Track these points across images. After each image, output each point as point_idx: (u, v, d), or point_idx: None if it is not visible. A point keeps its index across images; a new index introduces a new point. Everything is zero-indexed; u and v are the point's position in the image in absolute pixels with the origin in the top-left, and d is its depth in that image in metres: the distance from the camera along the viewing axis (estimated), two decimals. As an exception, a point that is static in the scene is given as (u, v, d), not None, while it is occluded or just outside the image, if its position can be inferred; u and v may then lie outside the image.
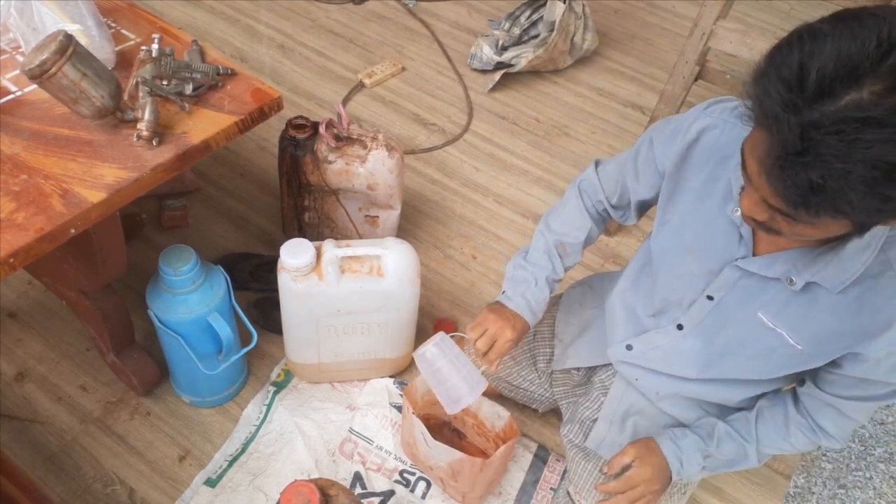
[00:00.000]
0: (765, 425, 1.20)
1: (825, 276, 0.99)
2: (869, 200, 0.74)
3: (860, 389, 1.08)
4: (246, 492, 1.50)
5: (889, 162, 0.70)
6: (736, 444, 1.22)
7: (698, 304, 1.18)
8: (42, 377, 1.66)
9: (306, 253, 1.44)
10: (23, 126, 1.22)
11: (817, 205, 0.76)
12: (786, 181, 0.77)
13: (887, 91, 0.70)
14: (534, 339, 1.53)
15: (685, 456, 1.24)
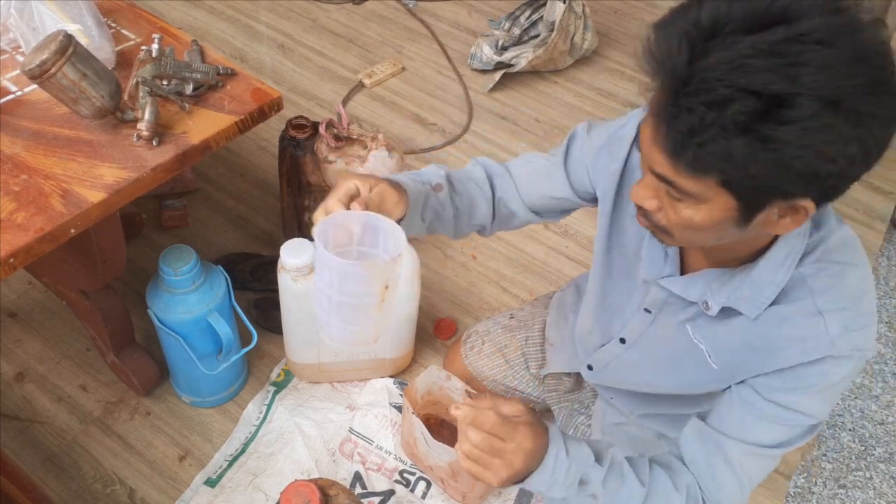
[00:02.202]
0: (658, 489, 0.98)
1: (741, 298, 0.94)
2: (748, 141, 0.69)
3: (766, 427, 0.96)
4: (246, 492, 1.50)
5: (772, 92, 0.67)
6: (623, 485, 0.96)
7: (637, 317, 1.15)
8: (42, 377, 1.66)
9: (306, 253, 1.44)
10: (23, 126, 1.22)
11: (698, 149, 0.71)
12: (669, 123, 0.72)
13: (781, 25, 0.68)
14: (525, 343, 1.54)
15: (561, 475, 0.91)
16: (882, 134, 0.71)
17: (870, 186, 2.44)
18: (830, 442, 1.81)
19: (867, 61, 0.68)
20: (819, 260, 0.90)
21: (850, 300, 0.91)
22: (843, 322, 0.89)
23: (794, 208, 0.77)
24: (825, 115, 0.67)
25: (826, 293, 0.90)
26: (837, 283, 0.90)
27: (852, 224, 2.26)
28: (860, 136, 0.69)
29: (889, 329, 2.08)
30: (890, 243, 2.32)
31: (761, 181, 0.72)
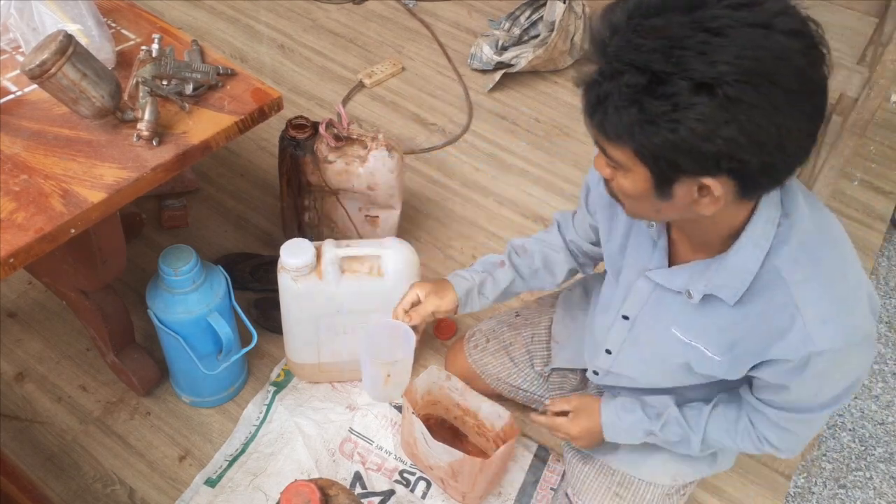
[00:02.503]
0: (715, 421, 1.17)
1: (718, 286, 0.98)
2: (636, 112, 0.77)
3: (784, 399, 1.05)
4: (246, 492, 1.50)
5: (653, 69, 0.75)
6: (682, 430, 1.19)
7: (616, 327, 1.20)
8: (42, 377, 1.66)
9: (306, 253, 1.44)
10: (23, 126, 1.22)
11: (603, 116, 0.81)
12: (586, 92, 0.83)
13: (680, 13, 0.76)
14: (531, 340, 1.54)
15: (625, 431, 1.26)
16: (779, 124, 0.76)
17: (870, 186, 2.44)
18: (830, 442, 1.81)
19: (757, 54, 0.74)
20: (794, 250, 0.93)
21: (827, 290, 0.93)
22: (819, 315, 0.92)
23: (704, 187, 0.83)
24: (695, 96, 0.74)
25: (801, 285, 0.92)
26: (812, 274, 0.93)
27: (852, 224, 2.28)
28: (737, 120, 0.75)
29: (889, 329, 2.08)
30: (890, 243, 2.32)
31: (657, 152, 0.80)
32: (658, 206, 0.90)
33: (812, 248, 0.93)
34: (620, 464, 1.34)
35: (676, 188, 0.85)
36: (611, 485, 1.36)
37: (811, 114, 0.79)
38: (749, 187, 0.84)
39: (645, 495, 1.34)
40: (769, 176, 0.83)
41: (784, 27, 0.75)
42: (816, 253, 0.94)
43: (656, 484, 1.33)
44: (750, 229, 0.93)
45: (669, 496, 1.35)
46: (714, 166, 0.80)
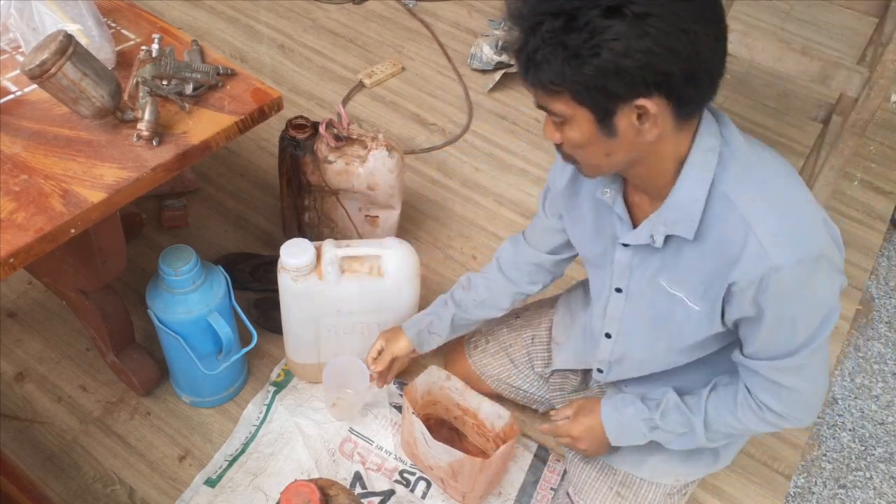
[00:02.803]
0: (715, 400, 1.17)
1: (674, 223, 1.02)
2: (561, 53, 0.86)
3: (765, 343, 1.04)
4: (246, 492, 1.50)
5: (564, 10, 0.84)
6: (682, 416, 1.19)
7: (612, 302, 1.21)
8: (42, 377, 1.66)
9: (306, 253, 1.44)
10: (23, 126, 1.22)
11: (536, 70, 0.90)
12: (517, 56, 0.92)
13: None
14: (532, 342, 1.54)
15: (626, 425, 1.25)
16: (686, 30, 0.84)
17: (870, 186, 2.44)
18: (830, 442, 1.81)
19: None
20: (737, 173, 0.97)
21: (774, 205, 0.96)
22: (769, 230, 0.94)
23: (641, 110, 0.90)
24: (606, 20, 0.83)
25: (749, 204, 0.96)
26: (758, 193, 0.96)
27: (852, 224, 2.29)
28: (649, 33, 0.83)
29: (889, 329, 2.08)
30: (890, 243, 2.32)
31: (589, 84, 0.88)
32: (608, 148, 0.96)
33: (755, 169, 0.98)
34: (622, 463, 1.34)
35: (617, 120, 0.91)
36: (612, 484, 1.36)
37: (712, 18, 0.87)
38: (681, 103, 0.91)
39: (647, 495, 1.34)
40: (695, 86, 0.90)
41: None
42: (760, 173, 0.98)
43: (658, 483, 1.33)
44: (691, 159, 0.98)
45: (671, 496, 1.35)
46: (642, 84, 0.87)
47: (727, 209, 0.97)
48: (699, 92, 0.91)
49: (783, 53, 1.66)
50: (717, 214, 0.98)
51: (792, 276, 0.94)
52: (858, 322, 2.08)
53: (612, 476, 1.36)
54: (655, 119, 0.90)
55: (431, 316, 1.47)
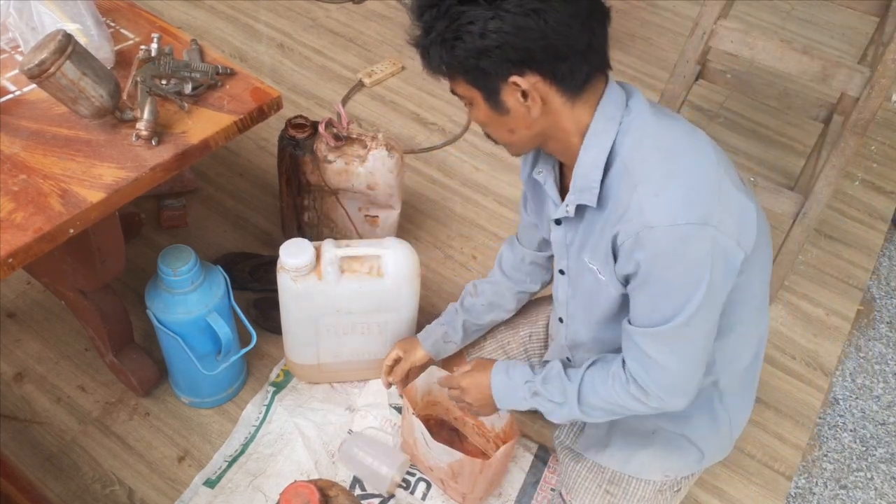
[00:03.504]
0: (593, 371, 1.16)
1: (580, 191, 1.05)
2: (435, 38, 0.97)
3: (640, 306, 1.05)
4: (245, 492, 1.50)
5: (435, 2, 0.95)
6: (561, 384, 1.18)
7: (559, 287, 1.25)
8: (41, 377, 1.66)
9: (306, 253, 1.44)
10: (22, 126, 1.22)
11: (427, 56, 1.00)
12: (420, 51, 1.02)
13: None
14: (529, 339, 1.54)
15: (511, 387, 1.25)
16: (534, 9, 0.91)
17: (871, 186, 2.44)
18: (831, 442, 1.80)
19: None
20: (636, 139, 1.00)
21: (663, 165, 0.98)
22: (652, 188, 0.97)
23: (520, 87, 0.97)
24: (461, 6, 0.93)
25: (639, 164, 0.99)
26: (651, 154, 0.99)
27: (854, 224, 2.28)
28: (498, 15, 0.92)
29: (890, 329, 2.08)
30: (891, 243, 2.32)
31: (466, 66, 0.97)
32: (508, 125, 1.04)
33: (654, 136, 1.01)
34: (610, 461, 1.34)
35: (504, 98, 0.99)
36: (601, 482, 1.35)
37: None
38: (559, 78, 0.97)
39: (636, 492, 1.33)
40: (562, 60, 0.96)
41: None
42: (659, 140, 1.01)
43: (647, 480, 1.33)
44: (591, 129, 1.02)
45: (662, 492, 1.34)
46: (507, 61, 0.95)
47: (623, 174, 1.00)
48: (571, 65, 0.97)
49: (784, 53, 1.66)
50: (615, 180, 1.02)
51: (666, 236, 0.96)
52: (859, 322, 2.08)
53: (600, 474, 1.36)
54: (535, 94, 0.98)
55: (445, 326, 1.49)
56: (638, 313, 1.06)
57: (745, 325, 1.14)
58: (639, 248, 0.98)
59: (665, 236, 0.96)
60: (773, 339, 1.95)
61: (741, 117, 2.62)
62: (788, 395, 1.83)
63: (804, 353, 1.93)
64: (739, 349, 1.18)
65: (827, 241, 2.24)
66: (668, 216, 0.95)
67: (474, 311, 1.49)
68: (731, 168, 1.06)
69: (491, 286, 1.48)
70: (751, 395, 1.31)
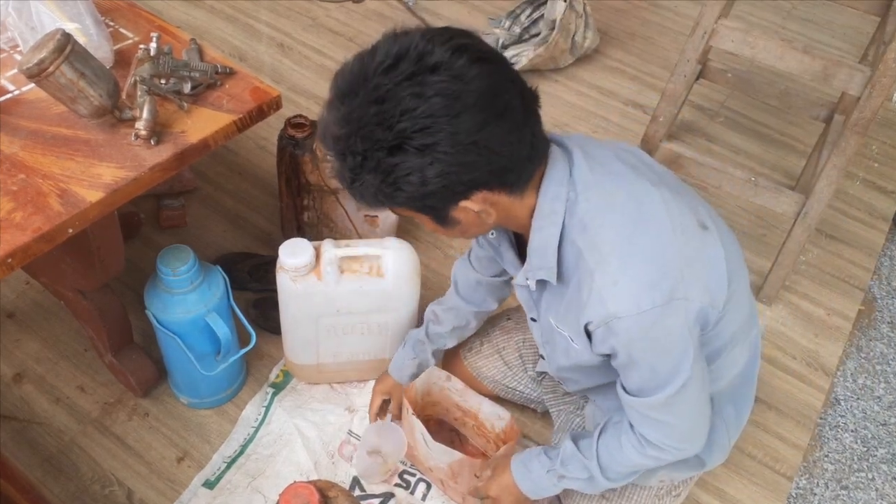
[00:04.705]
0: (605, 441, 1.16)
1: (537, 269, 1.04)
2: (366, 188, 0.90)
3: (632, 380, 1.05)
4: (244, 493, 1.49)
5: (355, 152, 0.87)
6: (580, 463, 1.18)
7: (533, 329, 1.25)
8: (40, 378, 1.65)
9: (305, 253, 1.43)
10: (21, 125, 1.21)
11: (356, 196, 0.93)
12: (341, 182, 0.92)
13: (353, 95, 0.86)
14: (523, 344, 1.54)
15: (535, 480, 1.25)
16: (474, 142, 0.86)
17: (872, 186, 2.44)
18: (832, 443, 1.80)
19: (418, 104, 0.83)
20: (580, 220, 0.98)
21: (618, 251, 0.96)
22: (607, 279, 0.96)
23: (468, 208, 0.94)
24: (393, 158, 0.86)
25: (590, 251, 0.97)
26: (598, 240, 0.97)
27: (855, 223, 2.28)
28: (437, 159, 0.86)
29: (891, 329, 2.07)
30: (892, 242, 2.31)
31: (407, 206, 0.93)
32: (460, 232, 1.01)
33: (595, 216, 0.98)
34: None
35: (455, 215, 0.96)
36: None
37: (495, 116, 0.87)
38: (505, 187, 0.95)
39: (632, 497, 1.33)
40: (507, 173, 0.93)
41: (429, 66, 0.84)
42: (599, 219, 0.98)
43: (643, 486, 1.32)
44: (537, 211, 1.00)
45: (660, 497, 1.34)
46: (454, 194, 0.91)
47: (578, 257, 0.99)
48: (518, 172, 0.95)
49: (785, 52, 1.65)
50: (571, 260, 1.00)
51: (636, 324, 0.95)
52: (861, 322, 2.07)
53: None
54: (486, 207, 0.95)
55: (417, 359, 1.48)
56: (631, 387, 1.06)
57: (734, 344, 1.14)
58: (612, 336, 0.98)
59: (635, 325, 0.95)
60: (773, 339, 1.95)
61: (742, 116, 2.61)
62: (789, 395, 1.83)
63: (805, 353, 1.93)
64: (730, 363, 1.17)
65: (828, 240, 2.24)
66: (633, 304, 0.94)
67: (440, 339, 1.49)
68: (690, 207, 1.03)
69: (452, 312, 1.46)
70: (747, 400, 1.30)
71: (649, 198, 1.00)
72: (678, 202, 1.02)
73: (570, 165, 1.00)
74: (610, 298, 0.95)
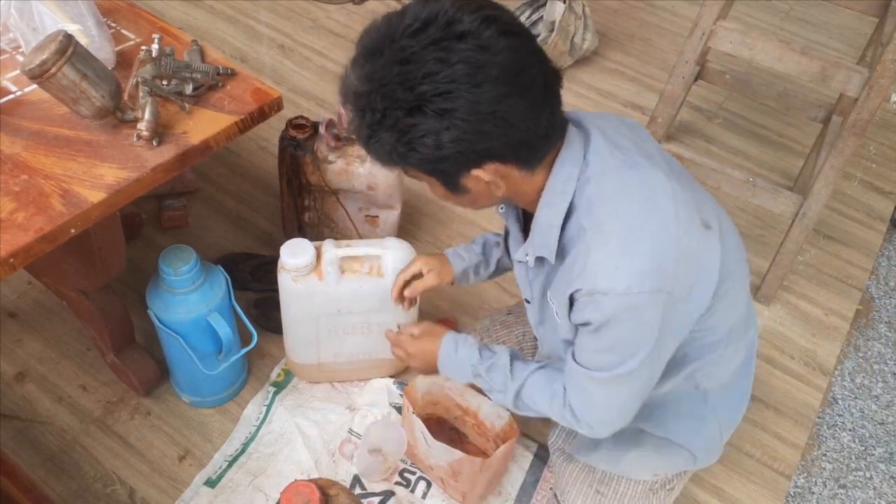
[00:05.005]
0: (537, 379, 1.19)
1: (538, 246, 1.06)
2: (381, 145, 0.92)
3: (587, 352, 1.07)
4: (246, 492, 1.50)
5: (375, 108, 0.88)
6: (503, 378, 1.20)
7: (528, 313, 1.26)
8: (42, 377, 1.66)
9: (306, 253, 1.44)
10: (23, 126, 1.22)
11: (371, 152, 0.95)
12: (358, 137, 0.94)
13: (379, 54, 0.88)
14: (523, 338, 1.55)
15: (456, 363, 1.27)
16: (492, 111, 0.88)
17: (870, 186, 2.44)
18: (830, 442, 1.81)
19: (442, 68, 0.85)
20: (591, 201, 0.99)
21: (619, 234, 0.98)
22: (607, 256, 0.97)
23: (479, 177, 0.96)
24: (410, 119, 0.88)
25: (594, 231, 0.99)
26: (609, 220, 0.98)
27: (852, 224, 2.28)
28: (454, 125, 0.87)
29: (889, 329, 2.08)
30: (890, 243, 2.32)
31: (419, 168, 0.95)
32: (469, 201, 1.04)
33: (613, 198, 0.99)
34: (600, 461, 1.34)
35: (465, 183, 0.98)
36: (592, 482, 1.36)
37: (516, 91, 0.89)
38: (519, 161, 0.97)
39: (626, 491, 1.34)
40: (522, 147, 0.95)
41: (456, 33, 0.85)
42: (617, 202, 0.99)
43: (636, 480, 1.33)
44: (547, 188, 1.02)
45: (654, 492, 1.34)
46: (466, 161, 0.93)
47: (579, 234, 1.00)
48: (533, 149, 0.97)
49: (783, 53, 1.66)
50: (572, 237, 1.02)
51: (619, 303, 0.96)
52: (858, 322, 2.08)
53: (591, 475, 1.36)
54: (497, 179, 0.97)
55: (481, 257, 1.46)
56: (583, 356, 1.08)
57: (728, 342, 1.15)
58: (592, 309, 0.99)
59: (618, 304, 0.96)
60: (771, 339, 1.95)
61: (740, 118, 2.62)
62: (787, 394, 1.84)
63: (803, 352, 1.94)
64: (725, 361, 1.18)
65: (826, 241, 2.24)
66: (622, 285, 0.95)
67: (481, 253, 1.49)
68: (697, 204, 1.04)
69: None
70: (741, 399, 1.30)
71: (661, 189, 1.01)
72: (686, 198, 1.03)
73: (586, 147, 1.02)
74: (602, 274, 0.97)
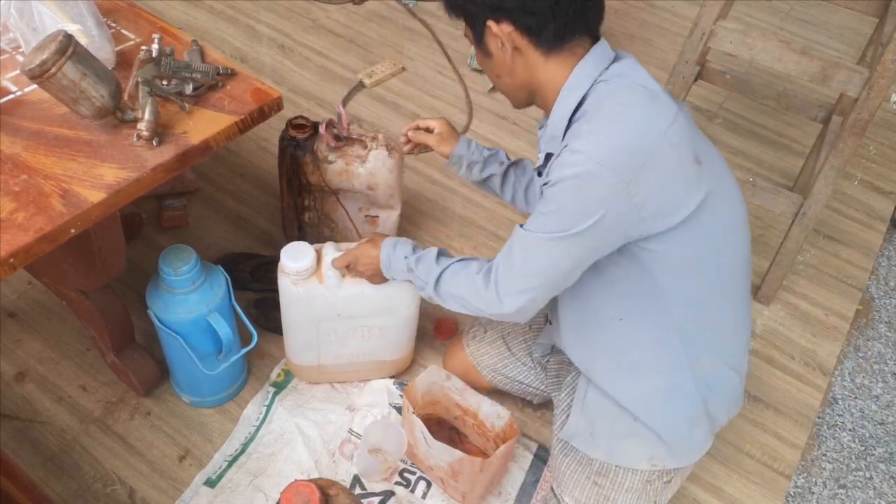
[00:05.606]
0: (457, 268, 1.26)
1: (550, 141, 1.14)
2: None
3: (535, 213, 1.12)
4: (246, 492, 1.50)
5: None
6: (429, 268, 1.28)
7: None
8: (42, 377, 1.66)
9: (307, 257, 1.44)
10: (23, 126, 1.22)
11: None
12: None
13: None
14: (529, 328, 1.55)
15: (393, 259, 1.35)
16: None
17: (870, 186, 2.44)
18: (830, 442, 1.81)
19: None
20: (599, 98, 1.08)
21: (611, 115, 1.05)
22: (592, 125, 1.05)
23: (496, 33, 1.08)
24: None
25: (593, 112, 1.07)
26: (606, 106, 1.06)
27: (852, 223, 2.29)
28: None
29: (889, 329, 2.08)
30: (890, 243, 2.32)
31: (454, 4, 1.13)
32: (493, 69, 1.16)
33: (616, 95, 1.08)
34: (597, 452, 1.34)
35: (486, 42, 1.12)
36: (590, 474, 1.36)
37: None
38: (533, 32, 1.07)
39: (623, 482, 1.34)
40: (527, 11, 1.05)
41: None
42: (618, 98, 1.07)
43: (634, 470, 1.33)
44: (567, 83, 1.10)
45: (650, 482, 1.34)
46: (486, 6, 1.07)
47: (582, 116, 1.08)
48: (538, 20, 1.06)
49: (783, 53, 1.66)
50: (574, 127, 1.09)
51: (583, 164, 1.02)
52: (858, 322, 2.08)
53: (588, 466, 1.36)
54: (507, 42, 1.08)
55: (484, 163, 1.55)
56: (529, 221, 1.13)
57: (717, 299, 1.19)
58: (559, 165, 1.05)
59: (581, 164, 1.02)
60: (771, 339, 1.96)
61: (740, 118, 2.62)
62: (787, 394, 1.84)
63: (803, 352, 1.94)
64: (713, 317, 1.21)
65: (826, 241, 2.25)
66: (594, 150, 1.02)
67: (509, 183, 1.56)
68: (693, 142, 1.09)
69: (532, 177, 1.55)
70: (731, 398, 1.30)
71: (665, 108, 1.08)
72: (687, 132, 1.09)
73: (616, 61, 1.11)
74: (583, 137, 1.04)
